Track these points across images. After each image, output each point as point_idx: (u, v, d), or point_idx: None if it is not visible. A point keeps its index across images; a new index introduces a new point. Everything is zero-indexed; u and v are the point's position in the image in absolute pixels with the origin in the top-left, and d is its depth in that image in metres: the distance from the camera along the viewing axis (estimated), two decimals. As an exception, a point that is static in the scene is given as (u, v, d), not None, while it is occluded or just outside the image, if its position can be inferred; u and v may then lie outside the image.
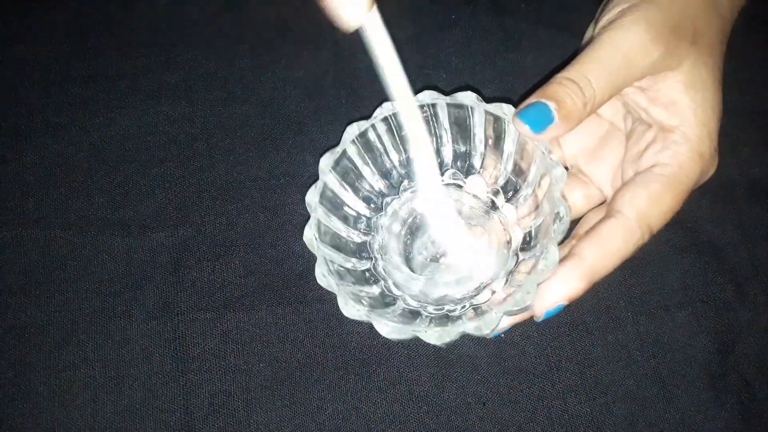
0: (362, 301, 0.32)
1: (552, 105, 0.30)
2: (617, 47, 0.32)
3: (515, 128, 0.32)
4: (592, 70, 0.31)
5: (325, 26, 0.47)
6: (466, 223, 0.36)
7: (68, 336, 0.38)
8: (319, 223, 0.33)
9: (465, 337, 0.37)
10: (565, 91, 0.31)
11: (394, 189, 0.38)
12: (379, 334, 0.37)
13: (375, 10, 0.29)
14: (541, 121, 0.31)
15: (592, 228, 0.32)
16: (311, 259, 0.32)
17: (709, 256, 0.39)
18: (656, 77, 0.33)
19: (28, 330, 0.38)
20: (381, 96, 0.46)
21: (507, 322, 0.32)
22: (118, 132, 0.44)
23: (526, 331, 0.38)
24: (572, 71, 0.31)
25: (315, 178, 0.34)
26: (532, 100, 0.31)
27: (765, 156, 0.42)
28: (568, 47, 0.44)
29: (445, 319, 0.33)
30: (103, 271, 0.40)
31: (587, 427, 0.36)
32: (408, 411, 0.36)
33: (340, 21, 0.28)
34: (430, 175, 0.33)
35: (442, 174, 0.38)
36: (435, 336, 0.30)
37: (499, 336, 0.38)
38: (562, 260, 0.31)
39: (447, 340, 0.30)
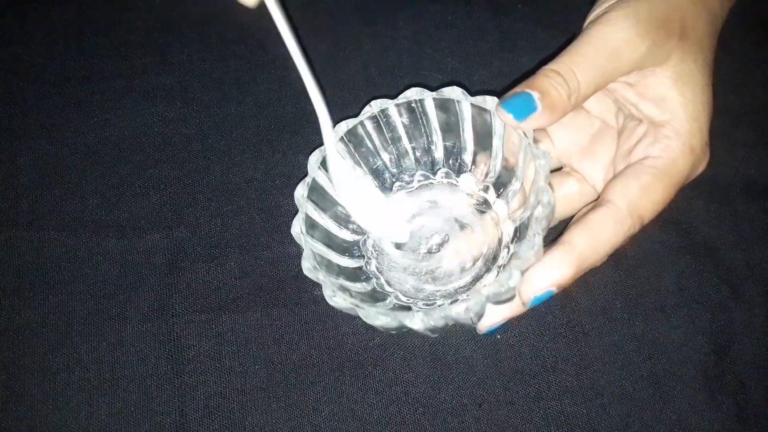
0: (352, 296, 0.32)
1: (536, 95, 0.31)
2: (604, 41, 0.32)
3: (498, 117, 0.32)
4: (578, 63, 0.31)
5: (320, 27, 0.48)
6: (456, 221, 0.36)
7: (62, 338, 0.38)
8: (308, 219, 0.33)
9: (462, 338, 0.38)
10: (549, 82, 0.31)
11: (386, 188, 0.38)
12: (375, 336, 0.37)
13: None
14: (523, 109, 0.31)
15: (583, 216, 0.32)
16: (306, 260, 0.32)
17: (704, 257, 0.39)
18: (644, 72, 0.33)
19: (22, 332, 0.38)
20: (377, 97, 0.46)
21: (501, 317, 0.32)
22: (113, 133, 0.44)
23: (523, 332, 0.38)
24: (558, 63, 0.32)
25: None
26: (516, 90, 0.31)
27: (761, 156, 0.42)
28: (565, 47, 0.44)
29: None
30: (97, 273, 0.39)
31: (583, 428, 0.36)
32: (404, 412, 0.36)
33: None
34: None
35: (434, 173, 0.38)
36: (420, 320, 0.29)
37: (495, 336, 0.38)
38: (550, 246, 0.31)
39: (431, 324, 0.29)
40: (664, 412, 0.36)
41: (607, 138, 0.37)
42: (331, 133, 0.33)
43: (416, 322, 0.29)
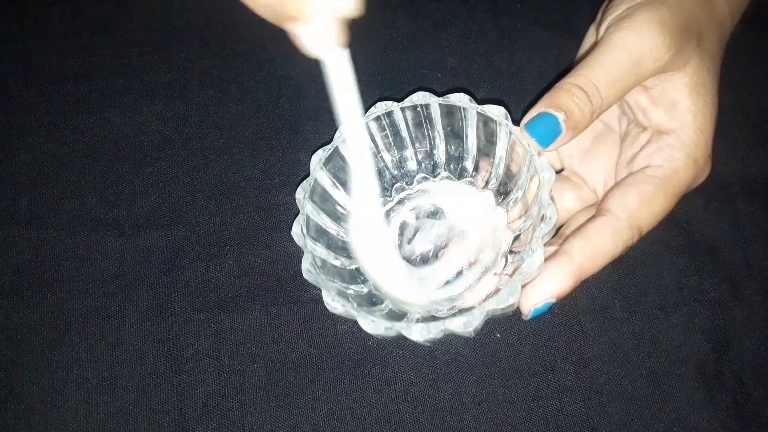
0: (349, 298, 0.32)
1: (560, 116, 0.30)
2: (628, 51, 0.31)
3: (523, 139, 0.31)
4: (601, 77, 0.31)
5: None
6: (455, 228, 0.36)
7: (61, 337, 0.38)
8: (308, 219, 0.33)
9: (461, 337, 0.37)
10: (573, 100, 0.30)
11: (386, 189, 0.38)
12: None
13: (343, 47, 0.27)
14: (549, 135, 0.30)
15: (582, 226, 0.32)
16: (305, 259, 0.32)
17: (704, 256, 0.39)
18: (661, 77, 0.32)
19: (21, 331, 0.38)
20: (377, 96, 0.46)
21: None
22: (112, 131, 0.43)
23: (522, 331, 0.38)
24: (580, 77, 0.31)
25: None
26: (540, 108, 0.31)
27: (760, 155, 0.42)
28: (564, 47, 0.44)
29: (431, 319, 0.33)
30: (96, 272, 0.39)
31: (582, 427, 0.36)
32: (403, 411, 0.36)
33: (304, 50, 0.27)
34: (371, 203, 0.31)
35: (435, 176, 0.38)
36: (418, 331, 0.29)
37: (495, 335, 0.38)
38: (549, 258, 0.31)
39: (429, 336, 0.29)
40: (663, 410, 0.36)
41: (609, 141, 0.37)
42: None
43: (415, 334, 0.29)
